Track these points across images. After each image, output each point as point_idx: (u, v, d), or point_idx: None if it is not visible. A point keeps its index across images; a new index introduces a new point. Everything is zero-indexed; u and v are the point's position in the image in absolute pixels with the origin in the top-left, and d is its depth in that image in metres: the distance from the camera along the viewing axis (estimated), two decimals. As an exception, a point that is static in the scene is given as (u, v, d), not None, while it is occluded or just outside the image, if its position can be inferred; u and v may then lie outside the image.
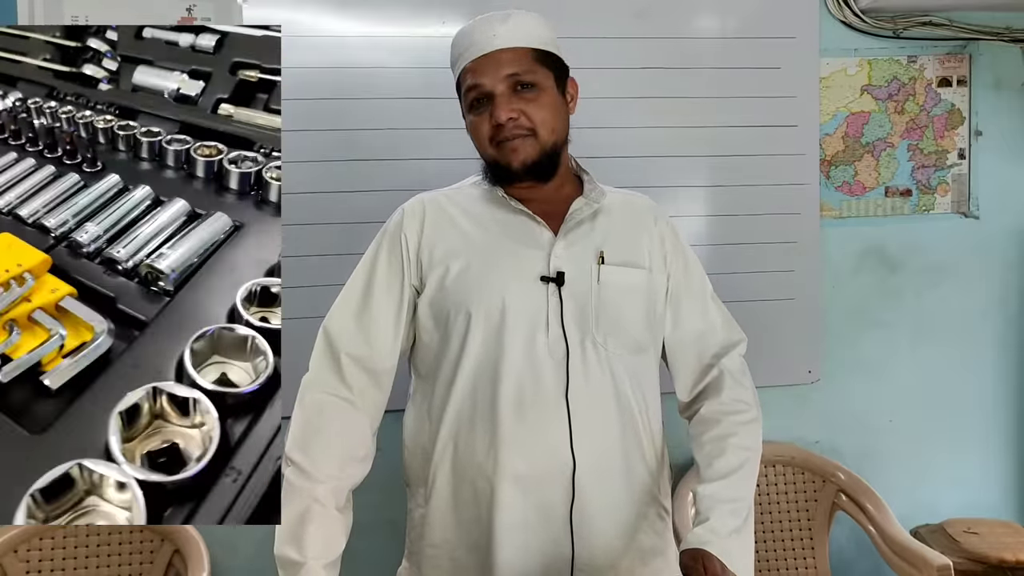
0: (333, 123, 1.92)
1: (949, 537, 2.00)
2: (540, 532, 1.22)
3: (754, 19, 2.07)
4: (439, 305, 1.27)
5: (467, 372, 1.24)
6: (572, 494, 1.21)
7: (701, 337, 1.36)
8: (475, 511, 1.23)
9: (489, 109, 1.25)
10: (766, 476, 2.09)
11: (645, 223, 1.36)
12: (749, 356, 1.40)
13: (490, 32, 1.26)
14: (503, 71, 1.24)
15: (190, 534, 1.79)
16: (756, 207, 2.08)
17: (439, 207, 1.32)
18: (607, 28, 2.00)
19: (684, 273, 1.37)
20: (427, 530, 1.28)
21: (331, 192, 1.92)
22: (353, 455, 1.22)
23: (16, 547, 1.77)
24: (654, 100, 2.03)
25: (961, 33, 2.16)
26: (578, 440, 1.21)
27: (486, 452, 1.22)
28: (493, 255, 1.27)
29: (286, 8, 1.90)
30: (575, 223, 1.29)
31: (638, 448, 1.27)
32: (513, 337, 1.22)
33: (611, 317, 1.26)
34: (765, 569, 2.04)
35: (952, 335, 2.22)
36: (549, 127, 1.26)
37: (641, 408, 1.28)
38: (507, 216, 1.30)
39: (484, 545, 1.22)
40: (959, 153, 2.21)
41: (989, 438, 2.25)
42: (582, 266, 1.27)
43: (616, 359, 1.25)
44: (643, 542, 1.27)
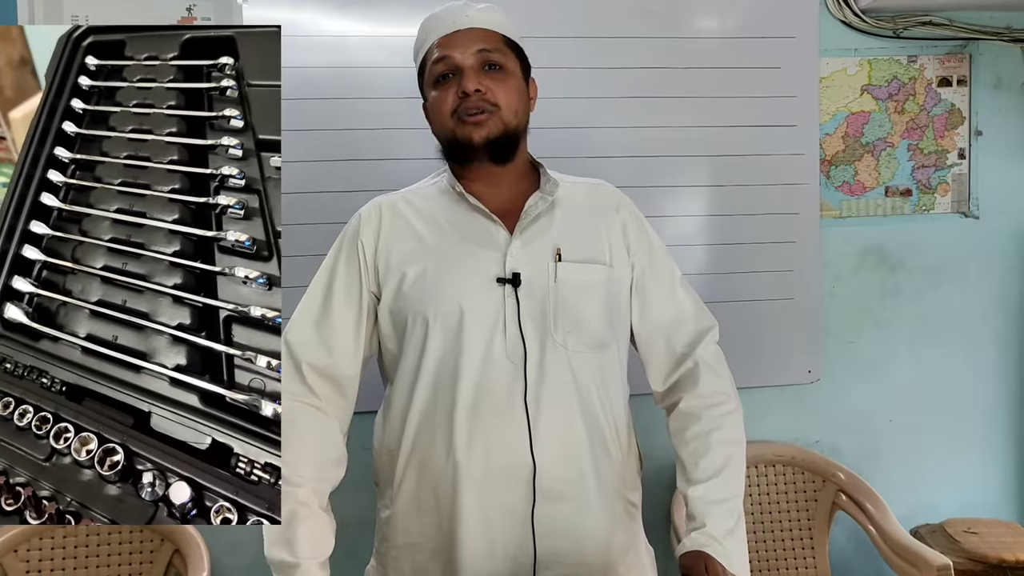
0: (333, 123, 1.92)
1: (949, 537, 2.00)
2: (503, 534, 1.21)
3: (754, 19, 2.07)
4: (398, 312, 1.27)
5: (427, 377, 1.24)
6: (533, 496, 1.21)
7: (671, 324, 1.35)
8: (437, 514, 1.23)
9: (455, 83, 1.25)
10: (766, 476, 2.09)
11: (606, 213, 1.35)
12: (749, 356, 1.40)
13: (462, 13, 1.28)
14: (474, 46, 1.25)
15: (190, 534, 1.79)
16: (756, 207, 2.08)
17: (395, 211, 1.32)
18: (607, 28, 2.00)
19: (649, 261, 1.36)
20: (391, 532, 1.28)
21: (331, 192, 1.92)
22: (328, 458, 1.24)
23: (16, 547, 1.77)
24: (654, 100, 2.03)
25: (961, 33, 2.16)
26: (538, 442, 1.20)
27: (446, 456, 1.22)
28: (449, 259, 1.26)
29: (286, 8, 1.90)
30: (531, 220, 1.28)
31: (603, 446, 1.27)
32: (471, 341, 1.22)
33: (570, 315, 1.25)
34: (765, 569, 2.04)
35: (952, 335, 2.22)
36: (513, 109, 1.27)
37: (605, 405, 1.27)
38: (463, 216, 1.29)
39: (447, 548, 1.22)
40: (959, 153, 2.21)
41: (989, 438, 2.25)
42: (539, 265, 1.26)
43: (577, 357, 1.25)
44: (611, 539, 1.27)
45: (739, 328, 2.07)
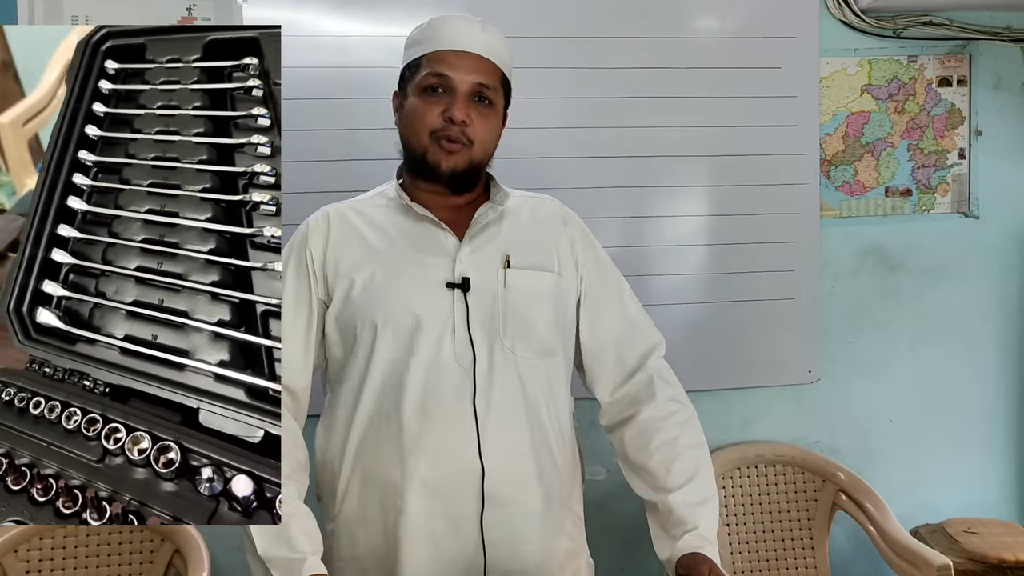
0: (333, 123, 1.92)
1: (949, 537, 2.00)
2: (449, 542, 1.21)
3: (754, 19, 2.07)
4: (345, 319, 1.27)
5: (374, 382, 1.23)
6: (482, 501, 1.20)
7: (622, 337, 1.35)
8: (382, 524, 1.23)
9: (443, 101, 1.24)
10: (766, 476, 2.09)
11: (553, 227, 1.36)
12: (749, 356, 1.41)
13: (472, 34, 1.27)
14: (475, 76, 1.25)
15: (190, 534, 1.79)
16: (756, 207, 2.08)
17: (344, 220, 1.32)
18: (607, 28, 2.00)
19: (597, 275, 1.36)
20: (335, 545, 1.27)
21: (331, 192, 1.91)
22: (298, 460, 1.23)
23: (16, 547, 1.77)
24: (654, 100, 2.03)
25: (961, 33, 2.16)
26: (486, 446, 1.20)
27: (392, 461, 1.21)
28: (398, 265, 1.26)
29: (286, 8, 1.90)
30: (480, 227, 1.29)
31: (548, 452, 1.27)
32: (419, 345, 1.22)
33: (519, 321, 1.26)
34: (765, 569, 2.04)
35: (952, 335, 2.22)
36: (485, 147, 1.28)
37: (551, 412, 1.28)
38: (412, 225, 1.29)
39: (391, 558, 1.22)
40: (959, 153, 2.21)
41: (989, 438, 2.25)
42: (488, 271, 1.26)
43: (525, 363, 1.25)
44: (558, 546, 1.27)
45: (739, 328, 2.08)
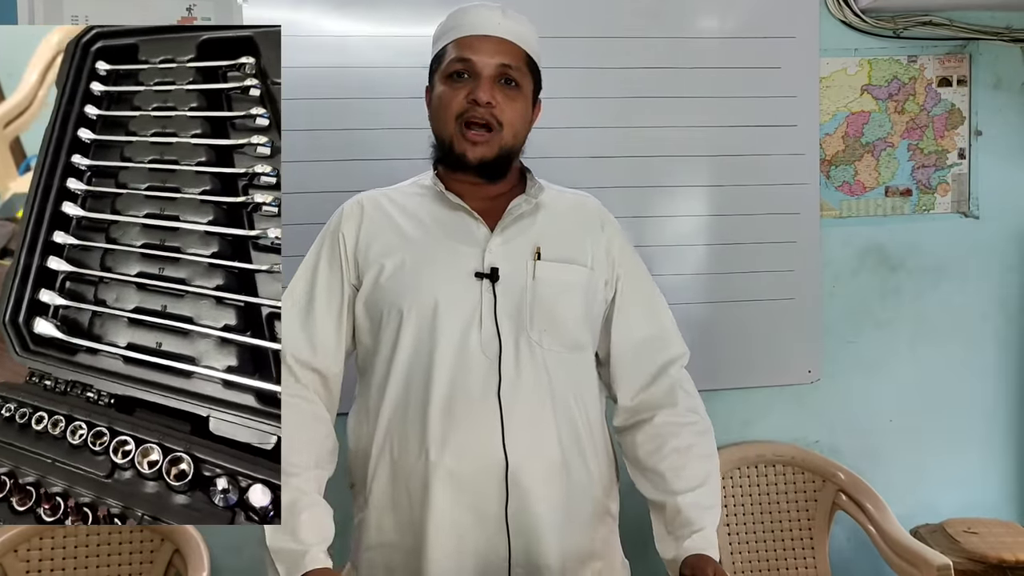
0: (333, 123, 1.92)
1: (949, 537, 2.00)
2: (474, 533, 1.21)
3: (754, 19, 2.07)
4: (373, 304, 1.27)
5: (399, 371, 1.24)
6: (506, 493, 1.20)
7: (650, 342, 1.35)
8: (409, 513, 1.23)
9: (468, 85, 1.25)
10: (766, 476, 2.09)
11: (591, 226, 1.36)
12: (749, 356, 1.41)
13: (493, 19, 1.27)
14: (498, 58, 1.25)
15: (190, 534, 1.79)
16: (756, 207, 2.08)
17: (377, 205, 1.32)
18: (607, 27, 2.00)
19: (633, 279, 1.36)
20: (364, 534, 1.28)
21: (331, 192, 1.91)
22: (323, 448, 1.24)
23: (16, 547, 1.77)
24: (654, 100, 2.03)
25: (961, 33, 2.16)
26: (511, 438, 1.20)
27: (418, 452, 1.21)
28: (428, 252, 1.27)
29: (286, 8, 1.90)
30: (513, 219, 1.29)
31: (576, 446, 1.26)
32: (445, 334, 1.22)
33: (547, 314, 1.25)
34: (765, 569, 2.04)
35: (952, 335, 2.22)
36: (514, 130, 1.28)
37: (580, 406, 1.27)
38: (445, 213, 1.30)
39: (416, 548, 1.22)
40: (959, 153, 2.21)
41: (989, 438, 2.25)
42: (517, 262, 1.26)
43: (552, 356, 1.25)
44: (582, 544, 1.27)
45: (739, 328, 2.08)
